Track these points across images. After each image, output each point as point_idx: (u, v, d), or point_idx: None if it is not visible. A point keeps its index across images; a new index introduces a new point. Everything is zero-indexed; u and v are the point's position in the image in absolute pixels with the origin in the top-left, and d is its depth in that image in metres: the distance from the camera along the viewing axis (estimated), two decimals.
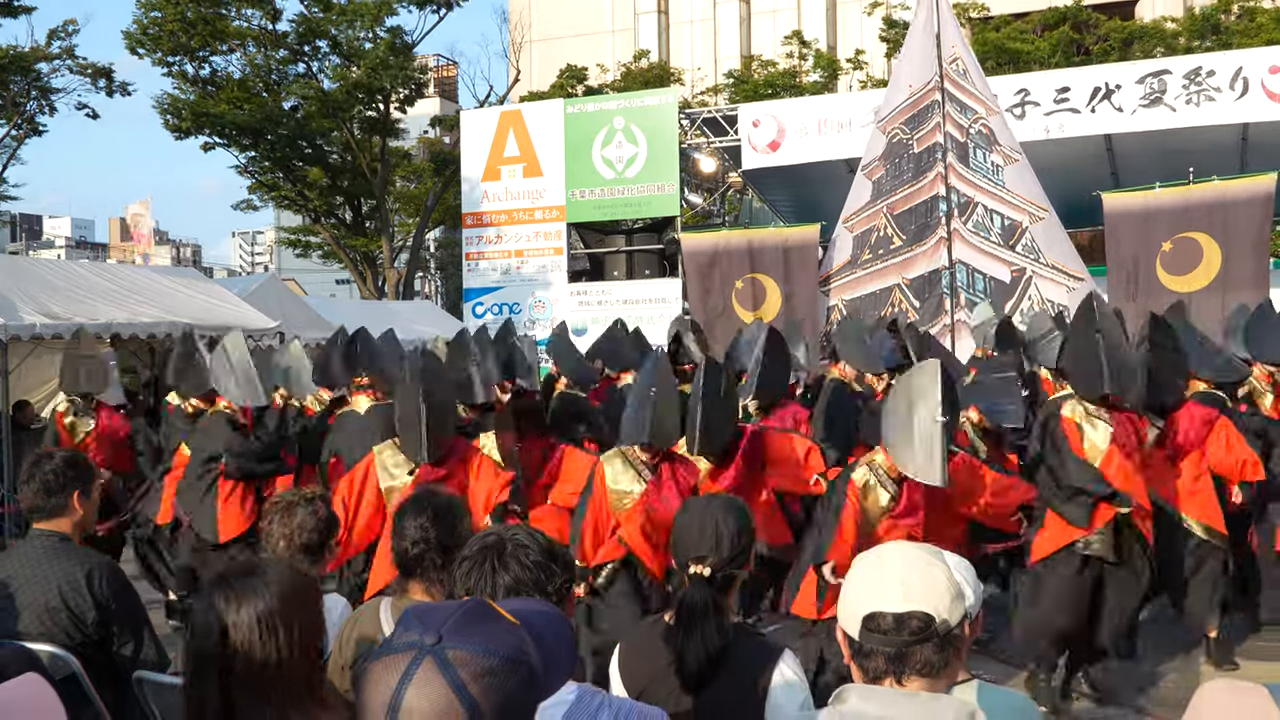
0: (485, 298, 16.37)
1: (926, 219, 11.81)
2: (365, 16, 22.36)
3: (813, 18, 31.56)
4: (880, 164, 12.31)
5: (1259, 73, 12.63)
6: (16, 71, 21.35)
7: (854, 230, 12.41)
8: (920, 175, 11.88)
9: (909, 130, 12.01)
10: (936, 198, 11.62)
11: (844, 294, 12.37)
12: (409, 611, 1.21)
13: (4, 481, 9.31)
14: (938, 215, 11.58)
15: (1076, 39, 23.30)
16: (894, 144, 12.18)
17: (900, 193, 12.04)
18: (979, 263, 11.57)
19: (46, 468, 3.23)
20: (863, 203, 12.38)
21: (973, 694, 1.87)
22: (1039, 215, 11.53)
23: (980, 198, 11.65)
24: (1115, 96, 13.22)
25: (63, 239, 67.59)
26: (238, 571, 1.83)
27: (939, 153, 11.54)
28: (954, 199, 11.47)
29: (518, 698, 1.15)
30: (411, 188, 28.72)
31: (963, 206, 11.57)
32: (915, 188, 11.92)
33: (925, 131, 11.85)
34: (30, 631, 3.05)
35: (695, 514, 2.51)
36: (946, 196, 11.44)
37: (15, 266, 11.08)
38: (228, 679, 1.72)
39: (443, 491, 2.88)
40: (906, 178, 12.02)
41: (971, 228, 11.58)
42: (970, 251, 11.53)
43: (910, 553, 1.69)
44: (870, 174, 12.38)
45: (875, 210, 12.24)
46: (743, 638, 2.41)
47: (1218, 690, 1.61)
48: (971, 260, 11.54)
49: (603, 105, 16.35)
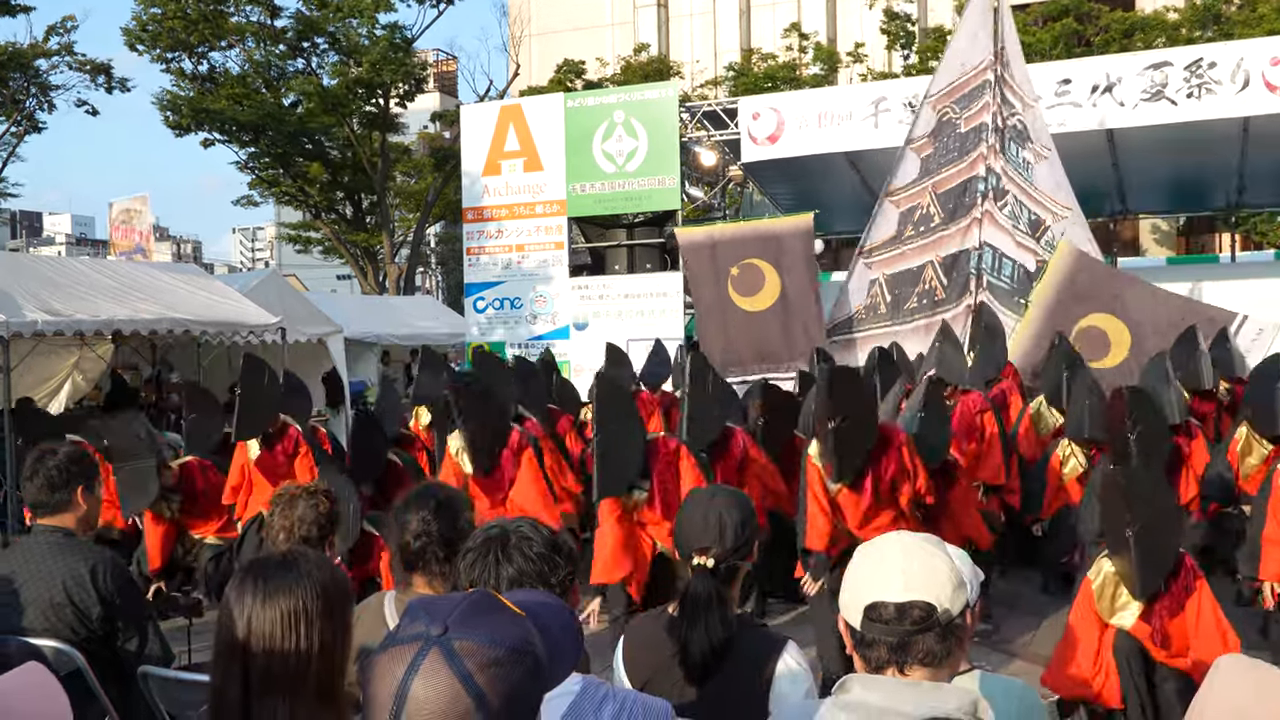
0: (486, 292, 16.36)
1: (962, 199, 11.82)
2: (364, 12, 22.34)
3: (812, 10, 31.48)
4: (929, 141, 12.23)
5: (1260, 64, 12.58)
6: (16, 68, 21.34)
7: (900, 206, 12.32)
8: (964, 155, 11.85)
9: (959, 109, 11.97)
10: (975, 178, 11.63)
11: (885, 269, 12.33)
12: (414, 603, 1.21)
13: (6, 479, 9.32)
14: (974, 195, 11.60)
15: (1078, 30, 23.27)
16: (943, 122, 12.10)
17: (944, 171, 12.01)
18: (1008, 248, 11.56)
19: (50, 463, 3.23)
20: (910, 179, 12.30)
21: (975, 683, 1.88)
22: (1062, 214, 11.52)
23: (1011, 189, 11.66)
24: (1116, 90, 13.18)
25: (63, 236, 67.60)
26: (273, 564, 1.80)
27: (984, 133, 11.54)
28: (991, 181, 11.48)
29: (524, 688, 1.16)
30: (412, 183, 28.70)
31: (999, 191, 11.57)
32: (958, 167, 11.90)
33: (973, 111, 11.80)
34: (35, 627, 3.06)
35: (699, 505, 2.51)
36: (985, 177, 11.44)
37: (16, 263, 11.07)
38: (248, 673, 1.71)
39: (445, 485, 2.89)
40: (952, 156, 11.99)
41: (1006, 213, 11.57)
42: (1000, 235, 11.53)
43: (911, 543, 1.69)
44: (919, 150, 12.29)
45: (921, 188, 12.19)
46: (746, 629, 2.42)
47: (1232, 665, 1.62)
48: (1000, 245, 11.54)
49: (603, 99, 16.32)
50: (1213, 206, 18.66)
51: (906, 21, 25.74)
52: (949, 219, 11.92)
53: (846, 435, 4.79)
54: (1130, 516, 4.22)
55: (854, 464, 4.94)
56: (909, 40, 25.60)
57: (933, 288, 11.48)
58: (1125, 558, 4.25)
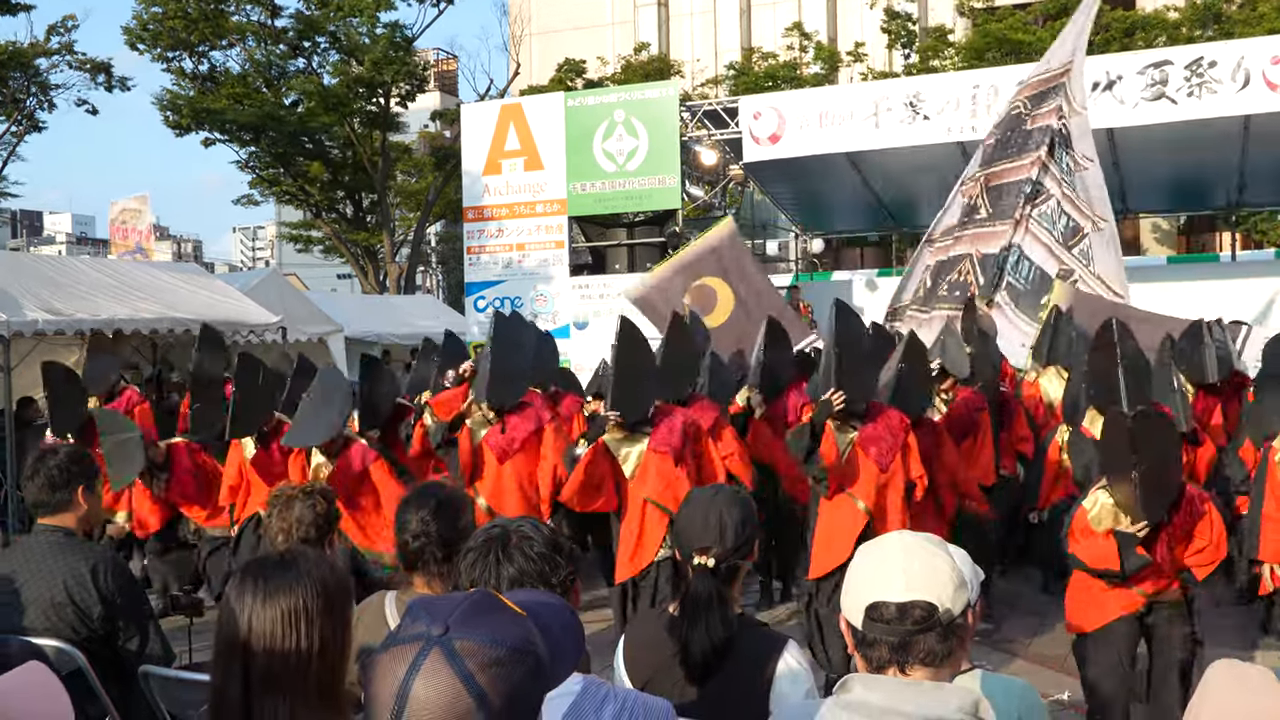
0: (487, 291, 16.36)
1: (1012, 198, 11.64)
2: (365, 11, 22.33)
3: (813, 10, 31.45)
4: (995, 131, 12.14)
5: (1260, 63, 12.57)
6: (16, 67, 21.34)
7: (965, 196, 12.17)
8: (1023, 153, 11.68)
9: (1029, 106, 11.85)
10: (1026, 180, 11.48)
11: (937, 256, 12.20)
12: (415, 603, 1.21)
13: (8, 478, 9.33)
14: (1020, 196, 11.49)
15: None
16: (1012, 115, 11.99)
17: (999, 165, 11.86)
18: (1034, 252, 11.47)
19: (51, 463, 3.24)
20: (974, 170, 12.19)
21: (976, 683, 1.88)
22: (1100, 225, 11.44)
23: (1055, 192, 11.54)
24: (1116, 88, 13.16)
25: (63, 235, 67.62)
26: (273, 563, 1.80)
27: (1047, 135, 11.37)
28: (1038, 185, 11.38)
29: (525, 688, 1.16)
30: (412, 182, 28.69)
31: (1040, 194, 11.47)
32: (1014, 164, 11.71)
33: (1043, 111, 11.67)
34: (35, 627, 3.06)
35: (699, 505, 2.51)
36: (1036, 180, 11.34)
37: (17, 263, 11.09)
38: (249, 672, 1.71)
39: (447, 485, 2.89)
40: (1011, 152, 11.84)
41: (1036, 216, 11.48)
42: (1029, 240, 11.45)
43: (912, 542, 1.69)
44: (989, 138, 12.22)
45: (976, 180, 12.04)
46: (747, 628, 2.41)
47: (1224, 670, 1.62)
48: (1027, 249, 11.45)
49: (603, 98, 16.32)
50: (1213, 205, 18.66)
51: (907, 21, 25.74)
52: (994, 215, 11.74)
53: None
54: (1136, 458, 4.22)
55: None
56: (910, 40, 25.60)
57: (966, 280, 11.35)
58: (1129, 493, 4.25)
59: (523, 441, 6.07)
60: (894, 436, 5.36)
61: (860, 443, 5.31)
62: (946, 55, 24.39)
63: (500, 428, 6.07)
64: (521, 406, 6.20)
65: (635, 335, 5.77)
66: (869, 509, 5.23)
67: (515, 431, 6.07)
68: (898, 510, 5.27)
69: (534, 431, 6.12)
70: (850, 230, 21.51)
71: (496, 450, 6.04)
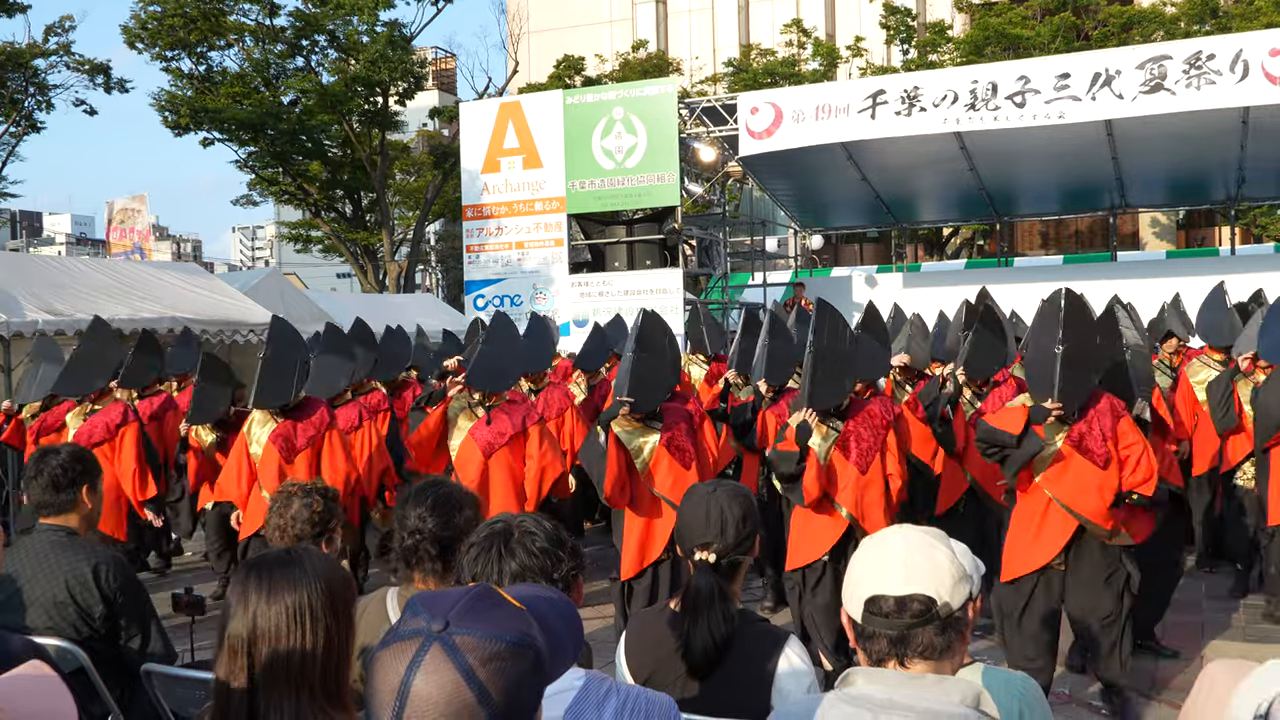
0: (486, 290, 16.36)
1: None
2: (363, 9, 22.31)
3: (811, 6, 31.43)
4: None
5: (1259, 55, 12.55)
6: (14, 68, 21.33)
7: None
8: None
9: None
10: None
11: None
12: (415, 599, 1.21)
13: (9, 478, 9.33)
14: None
15: (1076, 24, 23.24)
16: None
17: None
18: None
19: (54, 463, 3.24)
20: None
21: (978, 676, 1.88)
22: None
23: None
24: (1115, 83, 13.14)
25: (63, 235, 67.56)
26: (277, 561, 1.80)
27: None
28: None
29: (525, 682, 1.16)
30: (411, 180, 28.67)
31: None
32: None
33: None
34: (38, 626, 3.07)
35: (700, 500, 2.51)
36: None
37: (17, 263, 11.08)
38: (253, 669, 1.71)
39: (445, 482, 2.88)
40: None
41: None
42: None
43: (912, 535, 1.69)
44: None
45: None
46: (748, 624, 2.42)
47: (1220, 669, 1.62)
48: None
49: (602, 96, 16.32)
50: (1212, 200, 18.65)
51: (906, 16, 25.73)
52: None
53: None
54: (1063, 334, 4.62)
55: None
56: (908, 35, 25.59)
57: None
58: (1047, 370, 4.62)
59: (510, 437, 6.06)
60: (875, 435, 5.33)
61: (841, 443, 5.29)
62: (945, 50, 24.39)
63: (486, 419, 6.05)
64: (508, 402, 6.20)
65: (658, 324, 5.69)
66: (851, 514, 5.23)
67: (501, 425, 6.06)
68: (878, 508, 5.26)
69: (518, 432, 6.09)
70: (847, 226, 21.49)
71: (482, 444, 6.01)
